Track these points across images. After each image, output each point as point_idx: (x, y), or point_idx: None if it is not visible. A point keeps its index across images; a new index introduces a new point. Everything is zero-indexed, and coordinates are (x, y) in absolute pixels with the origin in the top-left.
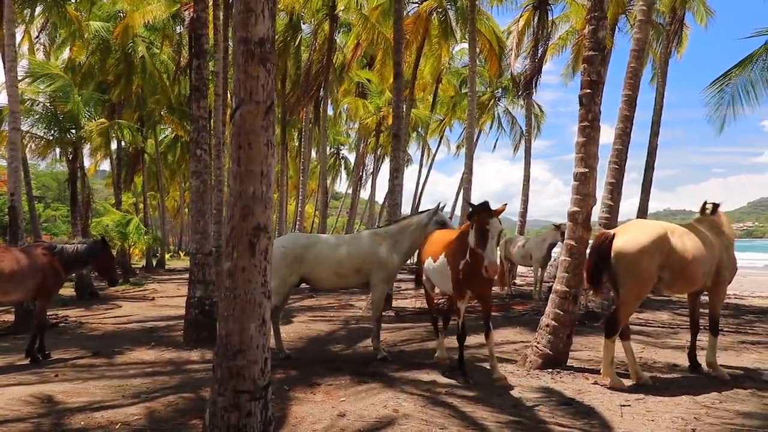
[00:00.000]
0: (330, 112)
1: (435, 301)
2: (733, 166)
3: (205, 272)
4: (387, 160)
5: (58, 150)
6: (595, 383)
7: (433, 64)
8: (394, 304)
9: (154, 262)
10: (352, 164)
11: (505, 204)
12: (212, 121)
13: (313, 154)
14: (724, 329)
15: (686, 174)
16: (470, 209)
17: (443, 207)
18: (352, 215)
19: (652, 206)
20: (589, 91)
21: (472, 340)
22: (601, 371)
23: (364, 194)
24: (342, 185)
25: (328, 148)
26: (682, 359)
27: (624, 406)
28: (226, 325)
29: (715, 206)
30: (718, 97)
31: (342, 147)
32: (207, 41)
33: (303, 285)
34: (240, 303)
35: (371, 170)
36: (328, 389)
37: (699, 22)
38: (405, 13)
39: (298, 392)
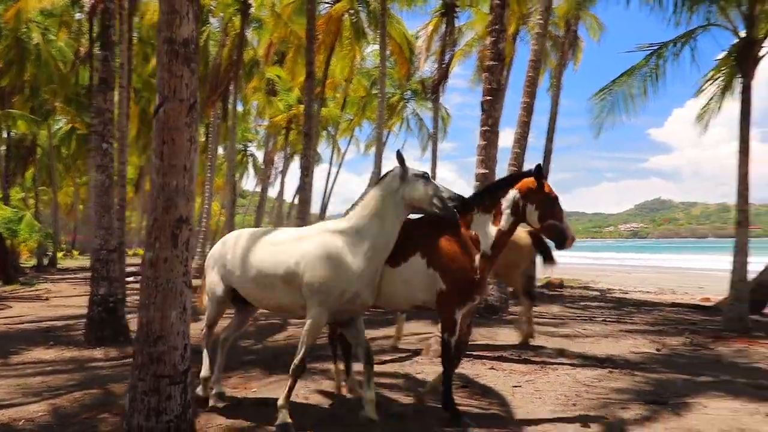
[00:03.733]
0: (239, 108)
1: None
2: (622, 171)
3: (110, 269)
4: (297, 158)
5: None
6: (491, 368)
7: (344, 64)
8: None
9: (46, 261)
10: (260, 161)
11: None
12: (116, 113)
13: (220, 150)
14: (608, 320)
15: (581, 177)
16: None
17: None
18: (260, 213)
19: None
20: (490, 98)
21: (377, 332)
22: None
23: (273, 192)
24: (250, 183)
25: (236, 145)
26: (569, 346)
27: (515, 387)
28: (147, 313)
29: None
30: (600, 105)
31: (250, 144)
32: (115, 32)
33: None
34: (162, 291)
35: (280, 168)
36: (239, 380)
37: (592, 36)
38: (317, 13)
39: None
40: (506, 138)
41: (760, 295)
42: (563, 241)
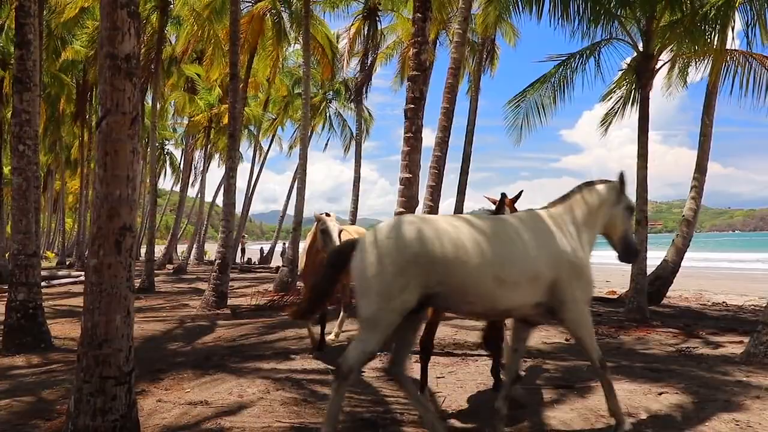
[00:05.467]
0: (156, 105)
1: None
2: (537, 170)
3: (29, 274)
4: (217, 157)
5: None
6: (417, 362)
7: (267, 63)
8: (229, 302)
9: None
10: (179, 160)
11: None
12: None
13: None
14: None
15: (498, 176)
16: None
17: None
18: (179, 213)
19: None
20: (412, 106)
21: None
22: None
23: (192, 192)
24: (167, 182)
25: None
26: None
27: (439, 377)
28: (91, 317)
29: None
30: (514, 112)
31: (167, 142)
32: (31, 30)
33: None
34: (106, 297)
35: (201, 168)
36: (172, 382)
37: (509, 42)
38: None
39: (142, 386)
40: (429, 138)
41: (658, 287)
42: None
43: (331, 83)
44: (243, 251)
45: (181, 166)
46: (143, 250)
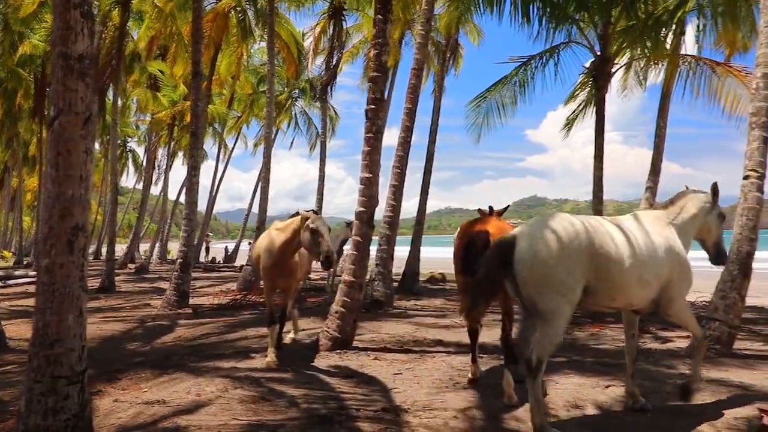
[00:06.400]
0: (118, 102)
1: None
2: (502, 169)
3: None
4: (181, 155)
5: None
6: (375, 359)
7: (231, 61)
8: (191, 301)
9: None
10: (141, 158)
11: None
12: None
13: (97, 146)
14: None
15: (463, 176)
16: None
17: None
18: (141, 212)
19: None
20: (373, 106)
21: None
22: None
23: (155, 190)
24: (130, 180)
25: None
26: (446, 336)
27: (396, 374)
28: (43, 317)
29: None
30: (476, 111)
31: (130, 139)
32: None
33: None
34: (59, 296)
35: (164, 166)
36: (130, 382)
37: (473, 41)
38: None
39: (99, 386)
40: (392, 137)
41: None
42: None
43: (297, 81)
44: (207, 250)
45: (144, 163)
46: (104, 249)
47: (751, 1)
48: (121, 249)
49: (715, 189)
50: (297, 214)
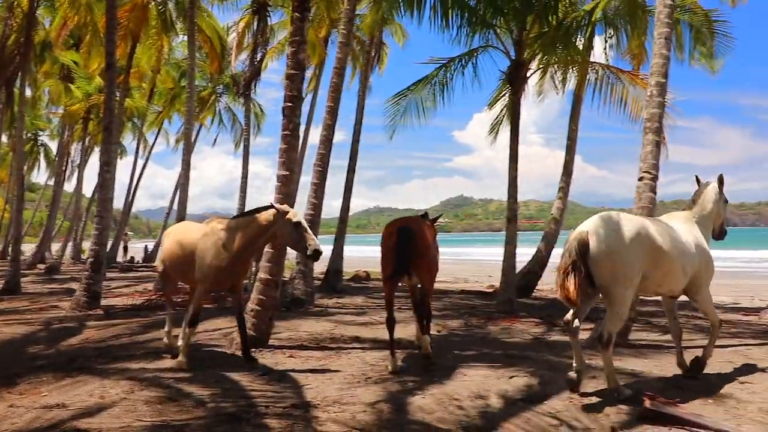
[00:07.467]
0: (28, 93)
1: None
2: (430, 169)
3: None
4: (97, 150)
5: None
6: (290, 356)
7: (151, 54)
8: (103, 302)
9: None
10: (54, 153)
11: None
12: None
13: (4, 138)
14: (402, 307)
15: (392, 175)
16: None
17: None
18: (54, 209)
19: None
20: (290, 104)
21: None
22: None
23: (69, 187)
24: (41, 175)
25: (24, 134)
26: (364, 333)
27: (309, 371)
28: None
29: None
30: (395, 109)
31: (41, 133)
32: None
33: None
34: None
35: (78, 161)
36: (28, 386)
37: (397, 42)
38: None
39: None
40: (316, 136)
41: (529, 281)
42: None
43: (221, 77)
44: (126, 249)
45: (57, 159)
46: (10, 249)
47: (649, 14)
48: (31, 248)
49: (721, 179)
50: (270, 206)
